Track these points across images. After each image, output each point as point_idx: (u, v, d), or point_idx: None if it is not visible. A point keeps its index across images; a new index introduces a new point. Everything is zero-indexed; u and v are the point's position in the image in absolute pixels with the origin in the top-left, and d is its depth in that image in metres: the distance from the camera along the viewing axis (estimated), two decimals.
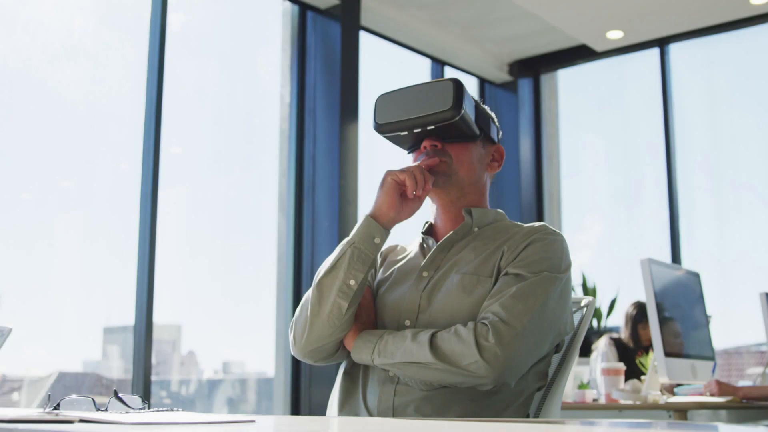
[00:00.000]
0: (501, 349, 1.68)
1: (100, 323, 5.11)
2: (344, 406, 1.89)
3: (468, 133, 1.93)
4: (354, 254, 1.81)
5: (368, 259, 1.82)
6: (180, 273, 5.37)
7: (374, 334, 1.82)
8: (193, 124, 5.68)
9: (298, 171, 5.86)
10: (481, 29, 7.05)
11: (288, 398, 5.61)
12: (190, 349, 5.69)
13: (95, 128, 5.14)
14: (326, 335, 1.83)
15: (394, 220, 1.86)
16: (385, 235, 1.85)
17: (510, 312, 1.72)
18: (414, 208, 1.89)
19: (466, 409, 1.76)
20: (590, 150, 8.11)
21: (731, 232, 6.97)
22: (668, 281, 3.57)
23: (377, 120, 1.94)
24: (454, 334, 1.72)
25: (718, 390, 3.26)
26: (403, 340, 1.76)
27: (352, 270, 1.81)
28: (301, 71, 6.00)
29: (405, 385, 1.79)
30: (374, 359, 1.79)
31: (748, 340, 6.86)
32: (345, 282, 1.80)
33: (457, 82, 1.87)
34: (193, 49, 5.72)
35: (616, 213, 7.72)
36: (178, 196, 5.40)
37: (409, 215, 1.88)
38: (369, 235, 1.83)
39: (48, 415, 1.24)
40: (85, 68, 5.09)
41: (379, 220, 1.84)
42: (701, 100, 7.29)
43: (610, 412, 3.17)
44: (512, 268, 1.80)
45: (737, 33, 6.84)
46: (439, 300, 1.84)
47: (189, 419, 1.27)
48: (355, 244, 1.82)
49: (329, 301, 1.81)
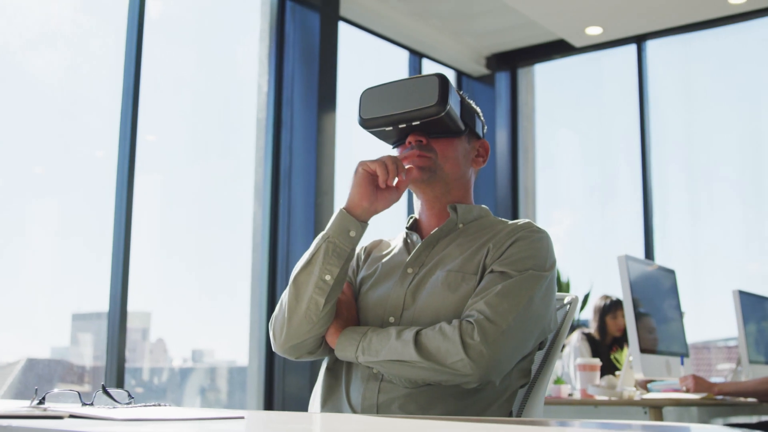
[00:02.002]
0: (486, 348, 1.68)
1: (70, 310, 5.07)
2: (327, 403, 1.88)
3: (453, 129, 1.93)
4: (329, 249, 1.79)
5: (344, 253, 1.80)
6: (152, 260, 5.34)
7: (358, 332, 1.80)
8: (170, 112, 5.64)
9: (274, 161, 5.84)
10: (461, 22, 7.05)
11: (261, 388, 5.60)
12: (159, 337, 5.66)
13: (71, 114, 5.09)
14: (305, 332, 1.82)
15: (368, 211, 1.83)
16: (361, 228, 1.82)
17: (495, 310, 1.71)
18: (391, 198, 1.85)
19: (450, 406, 1.76)
20: (566, 144, 8.15)
21: (704, 228, 7.04)
22: (644, 278, 3.60)
23: (362, 115, 1.93)
24: (439, 332, 1.71)
25: (694, 385, 3.30)
26: (387, 338, 1.75)
27: (327, 265, 1.79)
28: (279, 61, 5.98)
29: (389, 382, 1.79)
30: (358, 357, 1.78)
31: (717, 335, 6.93)
32: (321, 278, 1.78)
33: (443, 77, 1.87)
34: (171, 36, 5.68)
35: (591, 208, 7.77)
36: (153, 184, 5.37)
37: (385, 206, 1.85)
38: (343, 228, 1.80)
39: (36, 410, 1.24)
40: (62, 54, 5.04)
41: (352, 212, 1.81)
42: (677, 97, 7.34)
43: (586, 407, 3.20)
44: (497, 266, 1.80)
45: (714, 31, 6.89)
46: (423, 297, 1.84)
47: (179, 415, 1.27)
48: (330, 239, 1.80)
49: (306, 297, 1.80)
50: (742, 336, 4.00)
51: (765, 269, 6.81)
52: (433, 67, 7.35)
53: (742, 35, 6.90)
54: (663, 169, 7.10)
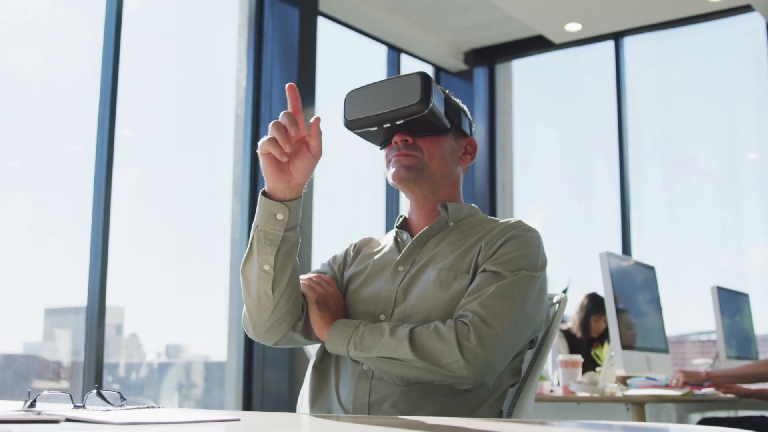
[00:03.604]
0: (482, 350, 1.67)
1: (42, 305, 5.02)
2: (316, 403, 1.87)
3: (438, 127, 1.92)
4: (260, 238, 1.73)
5: (276, 238, 1.72)
6: (128, 255, 5.30)
7: (349, 325, 1.79)
8: (147, 107, 5.60)
9: (253, 156, 5.82)
10: (439, 18, 7.05)
11: (240, 383, 5.59)
12: (133, 332, 5.61)
13: (48, 109, 5.05)
14: (266, 319, 1.80)
15: (289, 189, 1.72)
16: (288, 209, 1.71)
17: (490, 312, 1.71)
18: (304, 163, 1.72)
19: (442, 405, 1.76)
20: (543, 140, 8.18)
21: (681, 222, 7.09)
22: (624, 274, 3.62)
23: (347, 116, 1.92)
24: (435, 332, 1.71)
25: (684, 377, 3.33)
26: (380, 334, 1.73)
27: (262, 255, 1.74)
28: (258, 56, 5.95)
29: (380, 380, 1.78)
30: (350, 351, 1.76)
31: (690, 329, 6.99)
32: (260, 268, 1.75)
33: (425, 75, 1.86)
34: (149, 30, 5.63)
35: (568, 203, 7.80)
36: (130, 179, 5.33)
37: (304, 173, 1.72)
38: (269, 213, 1.72)
39: (31, 414, 1.22)
40: (39, 47, 4.99)
41: (274, 195, 1.73)
42: (654, 93, 7.39)
43: (568, 404, 3.21)
44: (490, 266, 1.80)
45: (691, 28, 6.94)
46: (415, 295, 1.84)
47: (175, 418, 1.26)
48: (259, 227, 1.74)
49: (254, 288, 1.78)
50: (720, 332, 4.04)
51: (739, 264, 6.87)
52: (411, 62, 7.35)
53: (718, 32, 6.96)
54: (640, 165, 7.15)
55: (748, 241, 6.86)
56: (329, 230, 6.41)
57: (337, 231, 6.70)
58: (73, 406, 1.37)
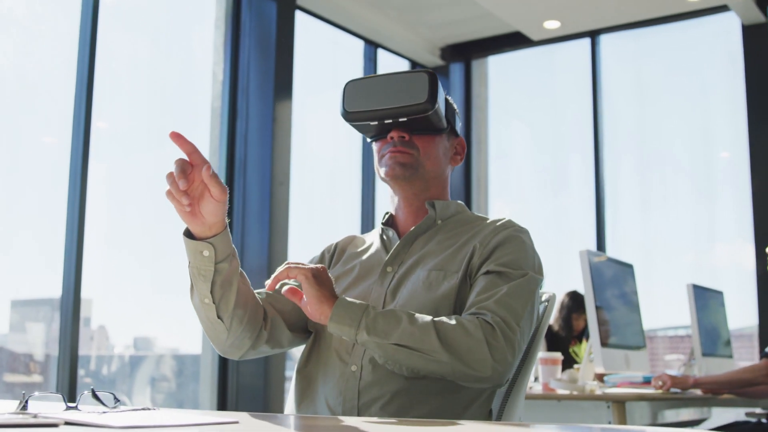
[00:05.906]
0: (509, 352, 1.66)
1: (8, 296, 4.95)
2: (301, 407, 1.85)
3: (437, 126, 1.92)
4: (194, 273, 1.72)
5: (208, 273, 1.70)
6: (100, 248, 5.24)
7: (356, 305, 1.68)
8: (123, 99, 5.55)
9: (229, 150, 5.79)
10: (416, 13, 7.05)
11: (215, 377, 5.56)
12: (101, 324, 5.56)
13: (22, 100, 4.99)
14: (223, 340, 1.81)
15: (204, 230, 1.68)
16: (211, 246, 1.68)
17: (510, 313, 1.70)
18: (213, 206, 1.65)
19: (432, 405, 1.74)
20: (519, 136, 8.21)
21: (655, 218, 7.15)
22: (603, 272, 3.65)
23: (346, 108, 1.90)
24: (460, 327, 1.66)
25: (671, 383, 3.35)
26: (397, 321, 1.66)
27: (200, 290, 1.73)
28: (234, 49, 5.92)
29: (369, 382, 1.76)
30: (359, 335, 1.66)
31: (660, 324, 7.04)
32: (202, 301, 1.75)
33: (432, 74, 1.86)
34: (126, 22, 5.58)
35: (543, 200, 7.83)
36: (104, 171, 5.28)
37: (216, 214, 1.66)
38: (195, 251, 1.69)
39: (27, 416, 1.21)
40: (14, 38, 4.93)
41: (195, 235, 1.70)
42: (629, 90, 7.44)
43: (549, 402, 3.22)
44: (493, 266, 1.79)
45: (666, 27, 6.99)
46: (404, 296, 1.82)
47: (174, 421, 1.25)
48: (191, 264, 1.72)
49: (203, 316, 1.79)
50: (695, 329, 4.07)
51: (710, 260, 6.94)
52: (388, 57, 7.34)
53: (693, 31, 7.01)
54: (615, 161, 7.20)
55: (720, 237, 6.93)
56: (304, 225, 6.38)
57: (313, 226, 6.68)
58: (66, 407, 1.35)
